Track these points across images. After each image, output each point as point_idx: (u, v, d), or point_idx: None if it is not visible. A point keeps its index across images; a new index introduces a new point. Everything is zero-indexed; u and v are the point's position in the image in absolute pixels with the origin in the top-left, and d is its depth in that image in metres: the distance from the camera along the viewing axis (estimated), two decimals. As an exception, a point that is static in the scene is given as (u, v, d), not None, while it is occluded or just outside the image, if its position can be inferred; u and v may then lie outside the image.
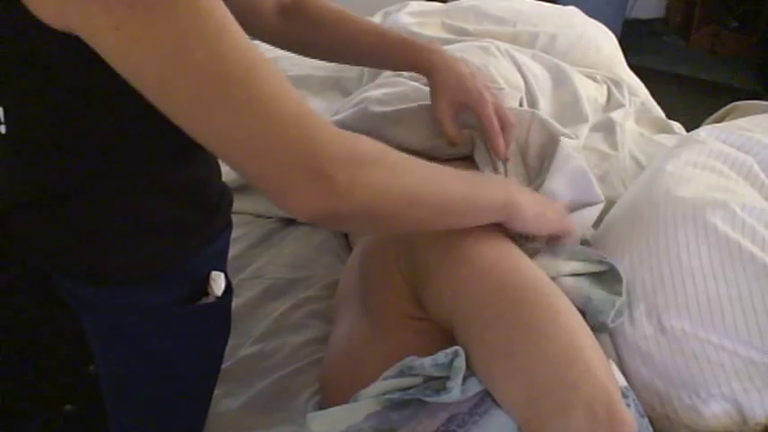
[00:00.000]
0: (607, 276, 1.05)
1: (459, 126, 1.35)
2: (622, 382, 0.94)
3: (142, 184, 0.88)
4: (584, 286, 1.02)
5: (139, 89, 0.69)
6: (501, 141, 1.24)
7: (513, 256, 0.98)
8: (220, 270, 1.00)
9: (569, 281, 1.03)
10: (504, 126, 1.25)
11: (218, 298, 0.98)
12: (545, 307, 0.89)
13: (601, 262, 1.05)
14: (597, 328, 0.99)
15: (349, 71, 2.07)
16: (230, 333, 1.11)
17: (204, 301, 0.97)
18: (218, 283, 0.97)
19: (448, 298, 0.94)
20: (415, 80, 1.57)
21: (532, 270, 0.96)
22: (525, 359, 0.84)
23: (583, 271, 1.04)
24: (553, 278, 1.00)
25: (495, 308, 0.89)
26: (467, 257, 0.95)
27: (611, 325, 1.00)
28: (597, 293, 1.00)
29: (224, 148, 0.72)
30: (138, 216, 0.89)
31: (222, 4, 0.69)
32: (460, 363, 0.85)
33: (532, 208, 0.98)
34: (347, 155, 0.74)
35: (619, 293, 1.02)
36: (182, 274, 0.96)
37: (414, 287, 0.99)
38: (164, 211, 0.92)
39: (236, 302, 1.37)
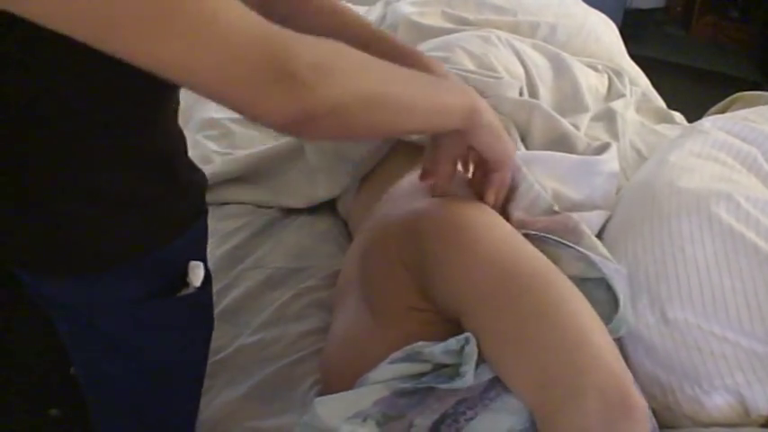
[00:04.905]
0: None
1: None
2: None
3: (99, 156, 0.83)
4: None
5: (78, 35, 0.64)
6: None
7: (517, 241, 0.97)
8: (199, 260, 0.96)
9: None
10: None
11: (197, 288, 0.95)
12: (552, 293, 0.89)
13: (598, 269, 1.00)
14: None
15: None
16: (230, 324, 1.09)
17: (184, 292, 0.94)
18: (196, 272, 0.94)
19: (455, 287, 0.94)
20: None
21: (536, 255, 0.96)
22: (535, 346, 0.84)
23: (585, 276, 1.00)
24: None
25: (503, 296, 0.89)
26: (471, 245, 0.94)
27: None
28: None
29: (183, 70, 0.67)
30: (100, 193, 0.84)
31: None
32: (472, 349, 0.85)
33: (492, 118, 0.95)
34: (311, 51, 0.71)
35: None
36: (158, 264, 0.91)
37: (419, 279, 0.98)
38: (129, 187, 0.86)
39: (236, 292, 1.38)
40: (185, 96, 0.89)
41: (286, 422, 1.13)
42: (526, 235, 1.04)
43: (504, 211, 1.12)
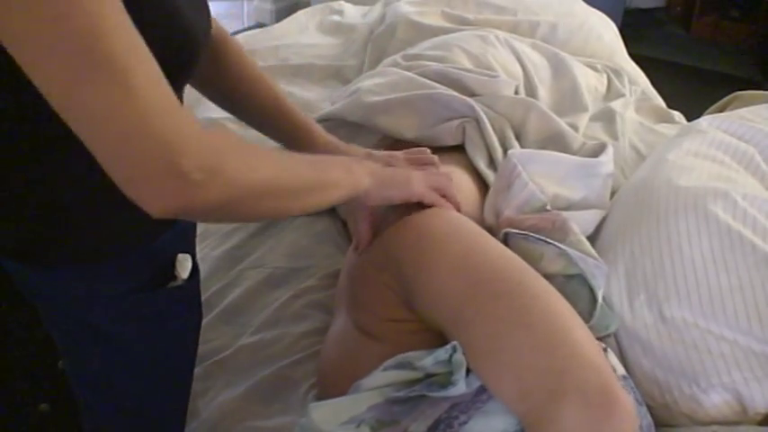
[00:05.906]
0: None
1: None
2: (621, 370, 0.94)
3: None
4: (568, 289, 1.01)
5: (15, 56, 0.65)
6: None
7: (482, 245, 0.97)
8: (186, 252, 0.97)
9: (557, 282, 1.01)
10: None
11: (185, 280, 0.95)
12: (521, 295, 0.88)
13: (576, 264, 1.02)
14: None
15: (349, 60, 2.07)
16: (230, 324, 1.08)
17: (172, 284, 0.94)
18: (184, 264, 0.94)
19: (430, 305, 0.94)
20: (407, 70, 1.57)
21: (503, 257, 0.95)
22: (509, 354, 0.83)
23: (567, 272, 1.02)
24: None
25: (471, 307, 0.88)
26: (436, 259, 0.94)
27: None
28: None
29: (86, 126, 0.68)
30: (100, 186, 0.81)
31: None
32: (460, 357, 0.85)
33: (377, 179, 0.98)
34: (207, 152, 0.72)
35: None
36: (146, 256, 0.92)
37: (403, 297, 0.99)
38: None
39: (236, 292, 1.38)
40: (186, 97, 0.89)
41: (285, 422, 1.13)
42: (508, 235, 1.05)
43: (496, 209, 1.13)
